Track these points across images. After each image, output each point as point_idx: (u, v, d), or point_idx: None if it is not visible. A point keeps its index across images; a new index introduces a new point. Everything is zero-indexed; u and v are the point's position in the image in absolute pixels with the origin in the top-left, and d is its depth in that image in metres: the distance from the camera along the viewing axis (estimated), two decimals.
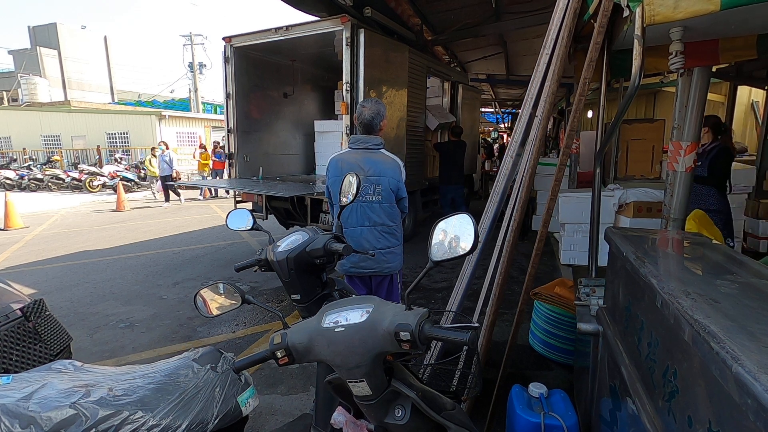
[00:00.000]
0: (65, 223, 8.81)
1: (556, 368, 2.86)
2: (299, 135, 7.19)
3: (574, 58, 3.14)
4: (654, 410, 1.05)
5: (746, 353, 0.68)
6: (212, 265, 5.50)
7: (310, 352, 0.92)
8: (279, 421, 2.38)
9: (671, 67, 1.92)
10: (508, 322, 3.46)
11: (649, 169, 5.34)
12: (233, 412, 1.25)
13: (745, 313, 0.86)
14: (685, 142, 2.13)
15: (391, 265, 2.45)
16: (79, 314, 3.89)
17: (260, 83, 6.26)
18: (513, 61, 9.62)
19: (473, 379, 1.24)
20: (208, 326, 3.62)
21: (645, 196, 4.37)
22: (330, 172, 2.45)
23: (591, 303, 1.88)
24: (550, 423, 1.58)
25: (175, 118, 19.62)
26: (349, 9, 5.18)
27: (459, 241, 0.93)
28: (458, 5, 6.31)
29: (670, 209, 2.24)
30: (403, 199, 2.47)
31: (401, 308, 0.90)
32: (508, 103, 17.14)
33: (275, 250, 1.43)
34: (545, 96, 2.33)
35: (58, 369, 1.25)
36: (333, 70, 6.42)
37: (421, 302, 4.10)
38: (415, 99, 6.13)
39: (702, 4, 1.49)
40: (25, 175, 15.70)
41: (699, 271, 1.28)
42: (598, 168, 2.57)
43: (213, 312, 1.24)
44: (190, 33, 26.28)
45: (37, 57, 34.68)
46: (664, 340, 1.03)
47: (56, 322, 1.89)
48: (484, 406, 2.21)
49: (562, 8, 2.34)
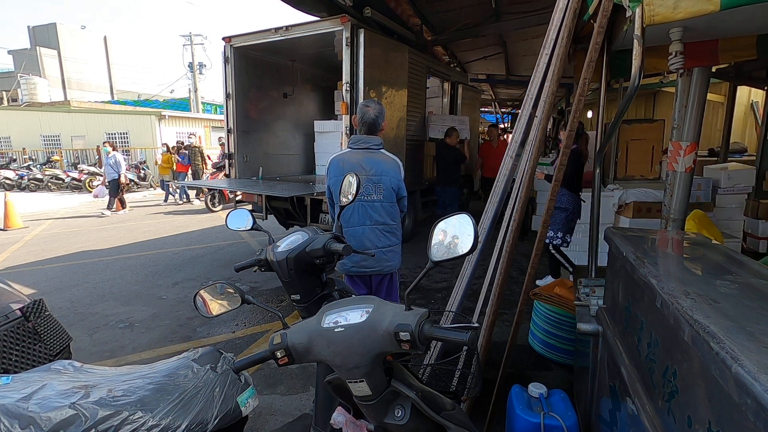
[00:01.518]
0: (65, 223, 8.80)
1: (556, 368, 2.86)
2: (299, 135, 7.19)
3: (574, 58, 3.14)
4: (654, 410, 1.05)
5: (746, 353, 0.68)
6: (212, 265, 5.49)
7: (309, 353, 0.92)
8: (279, 421, 2.38)
9: (671, 68, 1.92)
10: (508, 322, 3.46)
11: (649, 170, 5.35)
12: (233, 412, 1.25)
13: (744, 314, 0.86)
14: (684, 142, 2.13)
15: (391, 263, 2.47)
16: (78, 314, 3.88)
17: (260, 83, 6.25)
18: (513, 62, 9.61)
19: (473, 379, 1.24)
20: (208, 326, 3.61)
21: (645, 196, 4.37)
22: (331, 172, 2.45)
23: (591, 303, 1.88)
24: (549, 423, 1.58)
25: (174, 118, 19.61)
26: (349, 9, 5.18)
27: (459, 242, 0.94)
28: (458, 5, 6.31)
29: (669, 209, 2.24)
30: (403, 198, 2.50)
31: (401, 308, 0.90)
32: (508, 103, 17.13)
33: (275, 250, 1.43)
34: (545, 96, 2.33)
35: (58, 369, 1.25)
36: (333, 70, 6.41)
37: (420, 302, 4.10)
38: (415, 99, 6.13)
39: (702, 4, 1.49)
40: (24, 175, 15.70)
41: (699, 272, 1.28)
42: (597, 168, 2.57)
43: (213, 312, 1.24)
44: (190, 33, 26.27)
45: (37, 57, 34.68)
46: (664, 340, 1.03)
47: (56, 322, 1.89)
48: (484, 406, 2.21)
49: (561, 8, 2.34)
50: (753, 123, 9.20)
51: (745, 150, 8.26)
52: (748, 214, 4.81)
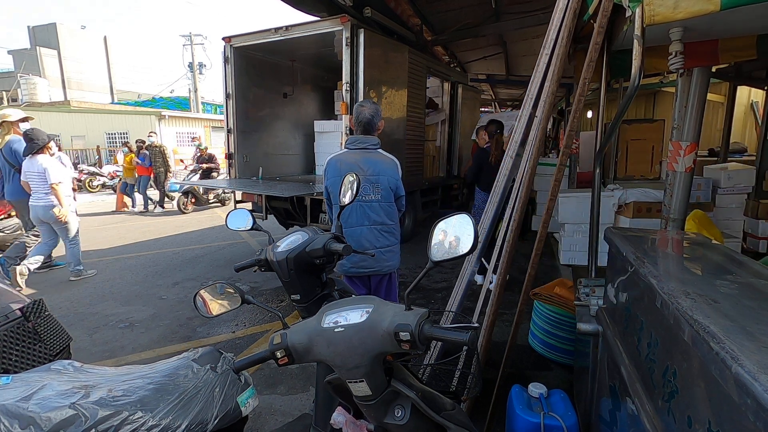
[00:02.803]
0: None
1: (556, 368, 2.86)
2: (299, 135, 7.19)
3: (574, 58, 3.14)
4: (654, 410, 1.05)
5: (746, 353, 0.68)
6: (212, 265, 5.49)
7: (309, 353, 0.92)
8: (279, 421, 2.38)
9: (671, 68, 1.92)
10: (508, 322, 3.46)
11: (649, 170, 5.35)
12: (233, 412, 1.25)
13: (744, 314, 0.86)
14: (684, 142, 2.13)
15: (390, 263, 2.47)
16: (78, 314, 3.88)
17: (260, 83, 6.25)
18: (513, 62, 9.61)
19: (473, 379, 1.24)
20: (208, 326, 3.61)
21: (645, 196, 4.37)
22: (328, 172, 2.45)
23: (591, 303, 1.88)
24: (549, 423, 1.58)
25: (175, 118, 19.63)
26: (349, 9, 5.18)
27: (459, 241, 0.94)
28: (458, 5, 6.31)
29: (669, 209, 2.24)
30: (401, 197, 2.50)
31: (401, 308, 0.90)
32: (508, 103, 17.12)
33: (275, 250, 1.43)
34: (545, 96, 2.33)
35: (58, 369, 1.25)
36: (333, 70, 6.41)
37: (420, 302, 4.10)
38: (414, 99, 6.13)
39: (702, 4, 1.49)
40: None
41: (698, 272, 1.28)
42: (597, 168, 2.57)
43: (213, 312, 1.24)
44: (190, 33, 26.29)
45: (37, 57, 34.65)
46: (664, 340, 1.03)
47: (56, 323, 1.89)
48: (484, 406, 2.21)
49: (561, 8, 2.34)
50: (753, 123, 9.20)
51: (745, 150, 8.27)
52: (748, 214, 4.81)
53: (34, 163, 4.43)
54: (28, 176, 4.48)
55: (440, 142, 7.52)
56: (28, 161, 4.49)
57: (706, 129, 8.60)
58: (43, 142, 4.46)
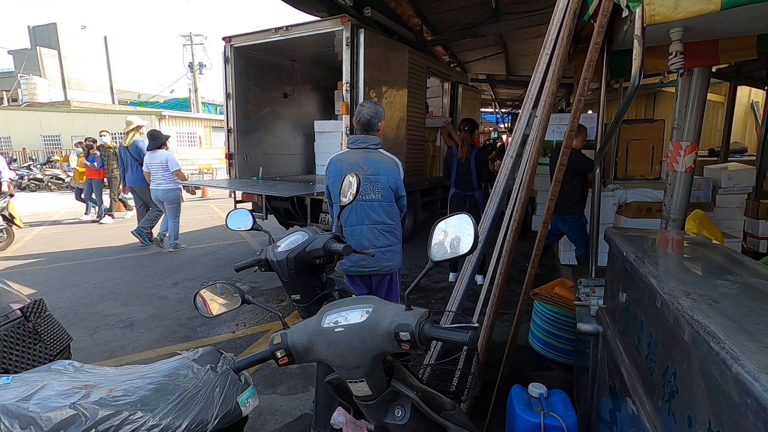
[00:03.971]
0: (65, 222, 8.80)
1: (556, 368, 2.86)
2: (299, 135, 7.19)
3: (574, 58, 3.14)
4: (654, 410, 1.05)
5: (746, 353, 0.68)
6: (212, 265, 5.49)
7: (309, 353, 0.92)
8: (279, 421, 2.38)
9: (671, 68, 1.92)
10: (508, 322, 3.46)
11: (649, 170, 5.34)
12: (233, 412, 1.25)
13: (744, 313, 0.86)
14: (684, 142, 2.13)
15: (390, 263, 2.46)
16: (78, 314, 3.88)
17: (260, 83, 6.25)
18: (513, 62, 9.61)
19: (473, 380, 1.24)
20: (208, 326, 3.61)
21: (645, 196, 4.37)
22: (329, 172, 2.46)
23: (591, 303, 1.88)
24: (549, 423, 1.58)
25: (175, 118, 19.62)
26: (349, 9, 5.18)
27: (459, 242, 0.94)
28: (458, 5, 6.30)
29: (669, 209, 2.24)
30: (402, 198, 2.50)
31: (401, 308, 0.90)
32: (508, 103, 17.14)
33: (275, 250, 1.43)
34: (545, 96, 2.33)
35: (58, 369, 1.25)
36: (333, 70, 6.41)
37: (421, 302, 4.10)
38: (415, 99, 6.13)
39: (702, 4, 1.49)
40: (24, 175, 15.69)
41: (699, 272, 1.28)
42: (597, 168, 2.57)
43: (213, 312, 1.24)
44: (190, 33, 26.28)
45: (37, 57, 34.65)
46: (664, 340, 1.03)
47: (56, 323, 1.89)
48: (484, 406, 2.21)
49: (561, 8, 2.34)
50: (753, 123, 9.20)
51: (745, 150, 8.27)
52: (748, 214, 4.81)
53: (156, 155, 5.68)
54: (150, 167, 5.72)
55: (440, 142, 7.52)
56: (149, 155, 5.74)
57: (706, 129, 8.59)
58: (163, 139, 5.80)
